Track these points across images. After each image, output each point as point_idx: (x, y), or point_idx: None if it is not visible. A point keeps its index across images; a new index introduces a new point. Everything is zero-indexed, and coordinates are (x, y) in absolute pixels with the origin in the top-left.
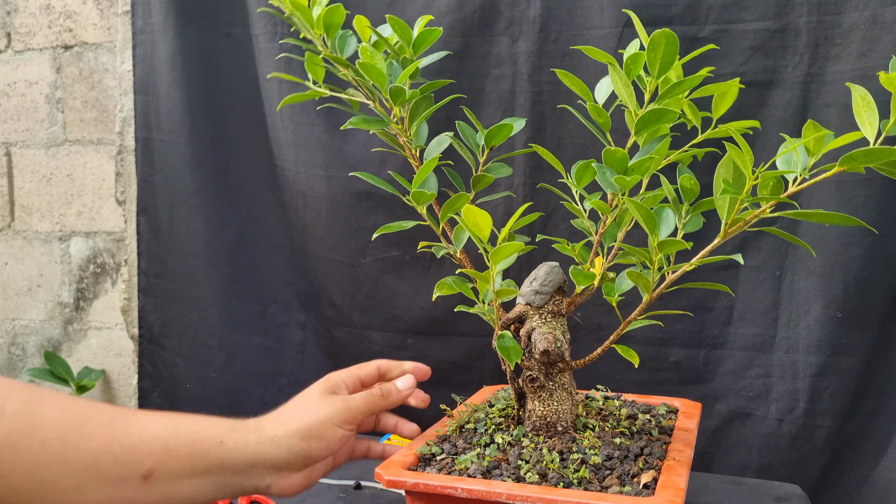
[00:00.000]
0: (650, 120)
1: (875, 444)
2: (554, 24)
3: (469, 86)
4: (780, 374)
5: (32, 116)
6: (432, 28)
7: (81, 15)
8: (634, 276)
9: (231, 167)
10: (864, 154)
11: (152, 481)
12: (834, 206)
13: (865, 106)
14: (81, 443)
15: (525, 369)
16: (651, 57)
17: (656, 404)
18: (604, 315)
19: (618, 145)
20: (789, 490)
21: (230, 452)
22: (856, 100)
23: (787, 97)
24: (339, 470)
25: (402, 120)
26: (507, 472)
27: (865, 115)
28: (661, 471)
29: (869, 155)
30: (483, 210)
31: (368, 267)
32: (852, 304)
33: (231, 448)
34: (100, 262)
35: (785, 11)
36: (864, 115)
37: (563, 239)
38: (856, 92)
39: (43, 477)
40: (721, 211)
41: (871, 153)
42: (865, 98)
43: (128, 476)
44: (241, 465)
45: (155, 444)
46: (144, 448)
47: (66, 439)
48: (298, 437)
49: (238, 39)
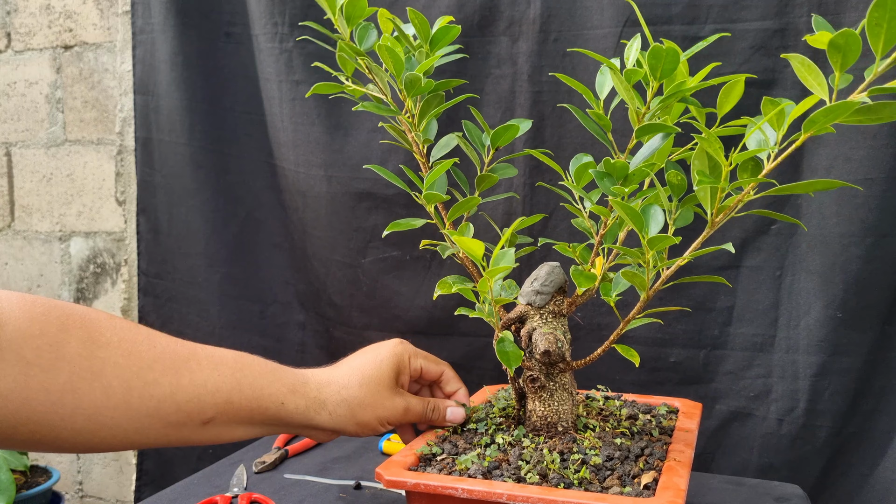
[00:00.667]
0: (648, 130)
1: (875, 444)
2: (554, 24)
3: (469, 86)
4: (780, 374)
5: (32, 116)
6: (451, 26)
7: (81, 15)
8: (630, 276)
9: (231, 167)
10: (823, 114)
11: (211, 426)
12: (834, 206)
13: (808, 70)
14: (145, 390)
15: (526, 369)
16: (652, 64)
17: (657, 404)
18: (604, 315)
19: (618, 145)
20: (789, 490)
21: (288, 413)
22: (796, 67)
23: (787, 97)
24: (340, 470)
25: (413, 115)
26: (507, 472)
27: (812, 79)
28: (661, 471)
29: (828, 113)
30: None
31: (368, 267)
32: (852, 304)
33: (290, 410)
34: (100, 262)
35: (785, 11)
36: (810, 79)
37: (564, 242)
38: (794, 60)
39: (105, 421)
40: (704, 202)
41: (830, 111)
42: (804, 62)
43: (188, 421)
44: (295, 424)
45: (219, 396)
46: (209, 399)
47: (129, 386)
48: (353, 421)
49: (238, 39)
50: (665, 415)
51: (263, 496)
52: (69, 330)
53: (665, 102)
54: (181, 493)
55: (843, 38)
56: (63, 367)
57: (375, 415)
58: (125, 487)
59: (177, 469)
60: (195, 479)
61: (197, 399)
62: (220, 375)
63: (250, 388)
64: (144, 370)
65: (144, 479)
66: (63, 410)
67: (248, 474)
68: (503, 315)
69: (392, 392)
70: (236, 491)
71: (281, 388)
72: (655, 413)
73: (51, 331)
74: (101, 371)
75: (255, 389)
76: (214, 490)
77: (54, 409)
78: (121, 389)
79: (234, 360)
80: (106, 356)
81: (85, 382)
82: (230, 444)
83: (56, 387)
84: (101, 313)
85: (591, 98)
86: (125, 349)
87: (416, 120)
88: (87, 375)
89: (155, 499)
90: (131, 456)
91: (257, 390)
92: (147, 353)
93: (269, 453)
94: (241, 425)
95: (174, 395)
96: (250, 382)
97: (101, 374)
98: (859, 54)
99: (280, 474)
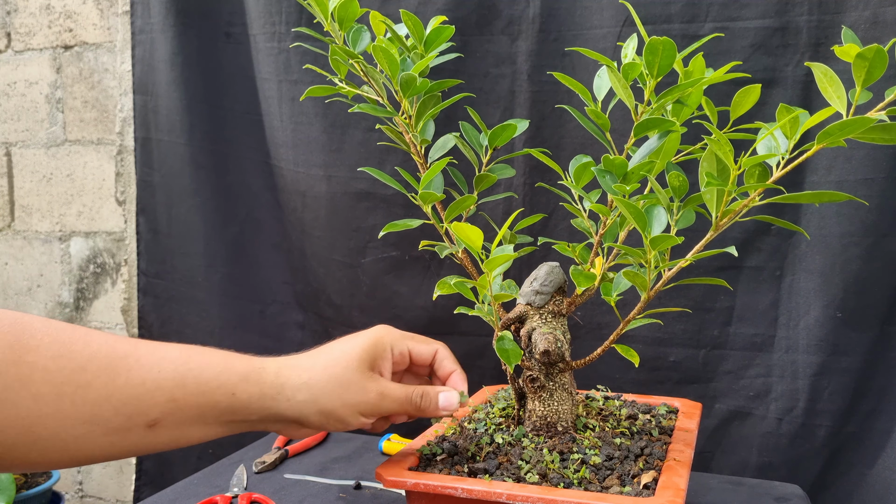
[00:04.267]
0: (648, 126)
1: (874, 444)
2: (553, 24)
3: (468, 85)
4: (779, 373)
5: (32, 116)
6: (444, 26)
7: (81, 15)
8: (631, 276)
9: (230, 167)
10: (838, 127)
11: (158, 428)
12: (834, 206)
13: (829, 81)
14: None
15: (525, 369)
16: (649, 60)
17: (656, 404)
18: (604, 315)
19: (618, 145)
20: (789, 490)
21: (242, 404)
22: (818, 77)
23: (787, 96)
24: (340, 470)
25: (409, 117)
26: (507, 472)
27: (832, 90)
28: (661, 471)
29: (844, 127)
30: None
31: (368, 267)
32: (852, 304)
33: (244, 400)
34: (100, 262)
35: (785, 10)
36: (830, 90)
37: (563, 242)
38: (816, 70)
39: (40, 432)
40: (710, 204)
41: (846, 125)
42: (827, 73)
43: (132, 426)
44: (253, 416)
45: (160, 395)
46: (149, 399)
47: (60, 392)
48: (315, 408)
49: (237, 39)
50: (665, 415)
51: (263, 496)
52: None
53: (663, 100)
54: (181, 493)
55: (871, 53)
56: None
57: (342, 401)
58: (125, 487)
59: (177, 469)
60: (195, 479)
61: (136, 400)
62: (161, 372)
63: (195, 383)
64: (77, 373)
65: (144, 479)
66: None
67: (248, 474)
68: (503, 314)
69: (363, 376)
70: (236, 491)
71: (231, 377)
72: (655, 413)
73: None
74: (29, 377)
75: (200, 383)
76: (214, 490)
77: None
78: (52, 396)
79: (178, 354)
80: (34, 360)
81: (12, 392)
82: (232, 443)
83: None
84: (34, 317)
85: (589, 98)
86: (55, 351)
87: (413, 121)
88: (14, 383)
89: (155, 499)
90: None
91: (203, 384)
92: (80, 353)
93: (269, 453)
94: (193, 425)
95: (110, 397)
96: (195, 376)
97: (30, 380)
98: (884, 70)
99: (280, 474)
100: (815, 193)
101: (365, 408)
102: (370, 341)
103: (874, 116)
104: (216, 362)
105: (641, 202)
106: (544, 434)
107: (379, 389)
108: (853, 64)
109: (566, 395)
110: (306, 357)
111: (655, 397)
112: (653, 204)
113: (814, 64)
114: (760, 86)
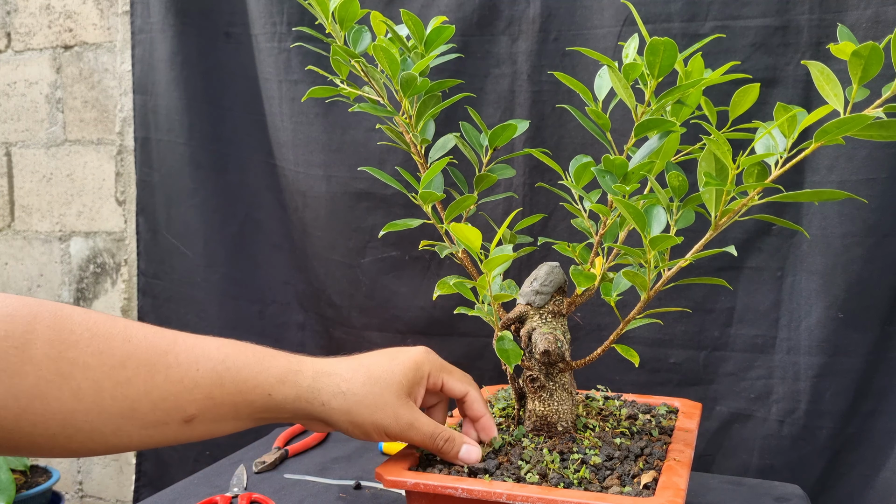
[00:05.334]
0: (648, 126)
1: (876, 445)
2: (554, 24)
3: (468, 85)
4: (780, 375)
5: (32, 116)
6: (445, 26)
7: (81, 15)
8: (631, 276)
9: (230, 167)
10: (836, 125)
11: (195, 423)
12: (836, 206)
13: (826, 79)
14: (117, 390)
15: (525, 369)
16: (650, 60)
17: (656, 404)
18: (603, 316)
19: (618, 145)
20: (790, 490)
21: (276, 404)
22: (815, 75)
23: (788, 95)
24: (340, 470)
25: (410, 117)
26: (507, 472)
27: (829, 88)
28: (661, 471)
29: (841, 125)
30: (471, 226)
31: (367, 267)
32: (854, 305)
33: (279, 400)
34: (100, 262)
35: (786, 9)
36: (827, 88)
37: (563, 242)
38: (813, 68)
39: (80, 425)
40: (709, 204)
41: (843, 123)
42: (824, 71)
43: (169, 420)
44: (286, 414)
45: (197, 393)
46: (186, 396)
47: (100, 388)
48: (346, 418)
49: (237, 39)
50: (665, 414)
51: (263, 496)
52: (35, 330)
53: (664, 100)
54: (181, 494)
55: (866, 51)
56: (29, 370)
57: (373, 419)
58: (125, 487)
59: (176, 469)
60: (195, 479)
61: (174, 397)
62: (199, 370)
63: (233, 383)
64: (116, 369)
65: (144, 480)
66: (34, 416)
67: (248, 474)
68: (502, 314)
69: (399, 401)
70: (236, 491)
71: (268, 378)
72: (655, 413)
73: (16, 332)
74: (69, 373)
75: (237, 382)
76: (214, 490)
77: (24, 416)
78: (91, 392)
79: (217, 350)
80: (75, 356)
81: (53, 386)
82: (230, 445)
83: (23, 392)
84: (74, 309)
85: (590, 98)
86: (96, 347)
87: (414, 121)
88: (55, 378)
89: (155, 499)
90: (131, 456)
91: (240, 383)
92: (119, 349)
93: (269, 453)
94: (227, 420)
95: (149, 394)
96: (233, 376)
97: (70, 376)
98: (880, 68)
99: (280, 474)
100: (815, 192)
101: (391, 432)
102: (412, 366)
103: (871, 114)
104: (254, 362)
105: (641, 202)
106: (544, 434)
107: (409, 420)
108: (849, 62)
109: (566, 395)
110: (346, 366)
111: (655, 397)
112: (652, 204)
113: (810, 62)
114: (759, 85)
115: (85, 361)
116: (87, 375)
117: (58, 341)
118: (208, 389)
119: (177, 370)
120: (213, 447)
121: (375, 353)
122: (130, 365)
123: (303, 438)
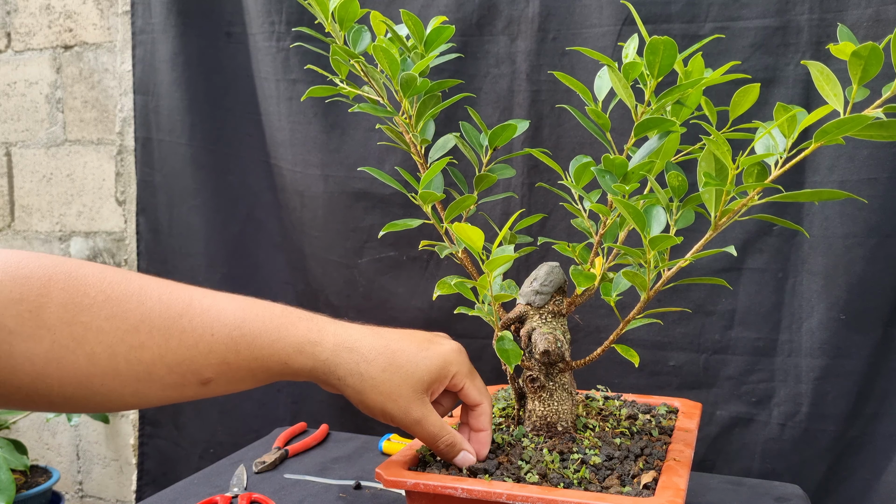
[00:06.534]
0: (648, 126)
1: (878, 448)
2: (553, 23)
3: (468, 85)
4: (782, 377)
5: (32, 116)
6: (445, 26)
7: (81, 15)
8: (630, 276)
9: (231, 167)
10: (836, 125)
11: (212, 384)
12: (837, 206)
13: (826, 79)
14: (131, 354)
15: (525, 369)
16: (650, 60)
17: (656, 404)
18: (603, 317)
19: (618, 144)
20: (790, 490)
21: (293, 371)
22: (815, 75)
23: (788, 95)
24: (340, 470)
25: (410, 117)
26: (507, 472)
27: (829, 88)
28: (661, 471)
29: (841, 125)
30: (473, 226)
31: (365, 267)
32: (855, 307)
33: (295, 368)
34: (100, 262)
35: (786, 9)
36: (826, 89)
37: (563, 242)
38: (813, 68)
39: (97, 388)
40: (709, 204)
41: (843, 123)
42: (824, 71)
43: (185, 383)
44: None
45: (213, 357)
46: (202, 360)
47: (114, 352)
48: (358, 397)
49: (238, 39)
50: (665, 414)
51: (263, 496)
52: (50, 294)
53: (664, 100)
54: (181, 493)
55: (866, 51)
56: (44, 335)
57: (383, 406)
58: (125, 487)
59: (177, 469)
60: (195, 479)
61: (189, 361)
62: (214, 335)
63: (248, 349)
64: (130, 333)
65: (145, 480)
66: (50, 380)
67: (248, 474)
68: (502, 315)
69: (414, 396)
70: (236, 491)
71: (285, 347)
72: (655, 413)
73: (31, 295)
74: (83, 337)
75: (253, 349)
76: (214, 490)
77: (41, 379)
78: (105, 356)
79: (233, 314)
80: (88, 321)
81: (67, 351)
82: (229, 445)
83: (39, 356)
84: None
85: (589, 97)
86: (109, 311)
87: (413, 121)
88: (70, 343)
89: (155, 499)
90: (132, 456)
91: (256, 350)
92: (133, 313)
93: (269, 453)
94: (245, 381)
95: (163, 357)
96: (248, 342)
97: (84, 340)
98: (880, 68)
99: (280, 474)
100: (815, 192)
101: (397, 421)
102: (440, 364)
103: (871, 114)
104: (272, 329)
105: (641, 202)
106: (544, 434)
107: (418, 417)
108: (849, 62)
109: (566, 395)
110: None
111: (655, 397)
112: (652, 204)
113: (810, 62)
114: (759, 85)
115: (99, 325)
116: (101, 339)
117: (72, 304)
118: (223, 355)
119: (191, 335)
120: (216, 445)
121: (405, 335)
122: (144, 329)
123: (303, 438)
